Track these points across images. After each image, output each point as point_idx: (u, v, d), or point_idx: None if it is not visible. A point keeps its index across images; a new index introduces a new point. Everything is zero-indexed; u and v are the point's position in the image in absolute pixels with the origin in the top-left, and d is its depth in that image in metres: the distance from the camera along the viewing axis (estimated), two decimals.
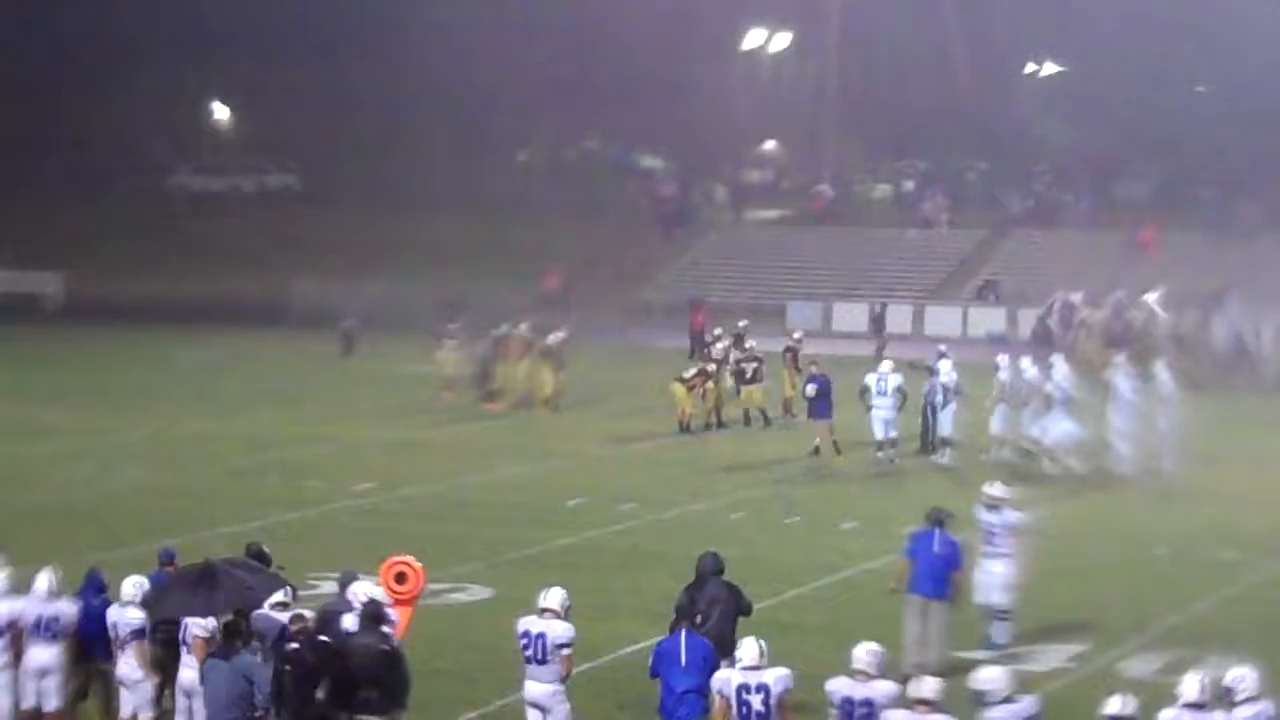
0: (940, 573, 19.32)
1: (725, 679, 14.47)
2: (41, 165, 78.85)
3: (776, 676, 14.37)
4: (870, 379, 32.94)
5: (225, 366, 48.18)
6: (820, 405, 33.43)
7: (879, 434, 32.61)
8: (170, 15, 78.12)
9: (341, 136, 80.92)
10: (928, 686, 13.68)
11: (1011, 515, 20.67)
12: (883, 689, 14.05)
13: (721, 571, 16.95)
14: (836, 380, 34.09)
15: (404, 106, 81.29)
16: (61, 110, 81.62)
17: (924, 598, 19.31)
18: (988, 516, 20.53)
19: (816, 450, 33.25)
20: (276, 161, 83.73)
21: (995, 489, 20.83)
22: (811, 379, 33.78)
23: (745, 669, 14.41)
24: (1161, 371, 33.52)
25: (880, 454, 32.63)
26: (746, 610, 16.92)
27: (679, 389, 36.26)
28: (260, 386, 43.99)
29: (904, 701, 13.83)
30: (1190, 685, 13.76)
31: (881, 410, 32.53)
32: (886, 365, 33.38)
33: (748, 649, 14.49)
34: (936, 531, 19.47)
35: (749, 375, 36.93)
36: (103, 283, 64.96)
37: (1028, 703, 13.80)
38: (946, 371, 33.29)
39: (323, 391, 43.07)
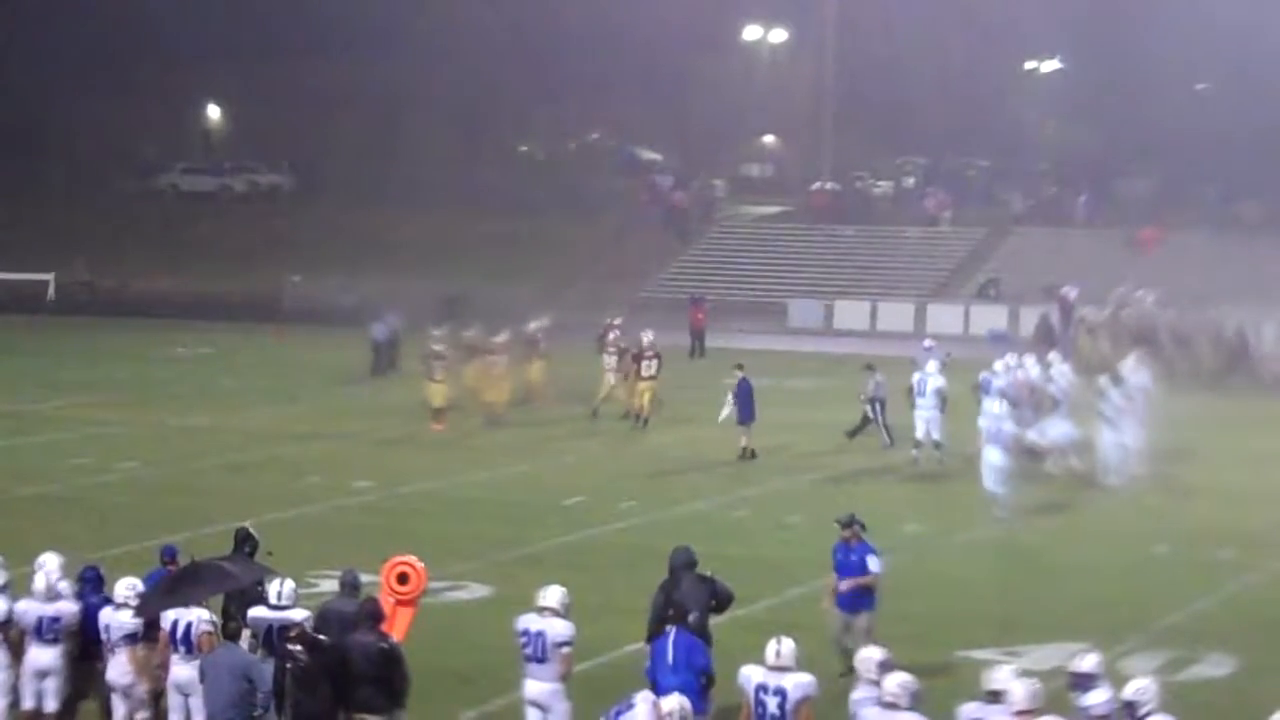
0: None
1: (747, 675, 14.09)
2: (36, 165, 78.82)
3: (797, 683, 13.91)
4: (915, 378, 32.72)
5: (218, 362, 48.17)
6: (743, 410, 33.04)
7: (919, 434, 32.50)
8: (162, 15, 78.09)
9: (333, 134, 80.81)
10: (895, 683, 13.34)
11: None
12: None
13: (694, 565, 16.66)
14: (849, 380, 34.21)
15: (397, 102, 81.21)
16: (55, 111, 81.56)
17: (844, 613, 18.52)
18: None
19: (749, 454, 32.87)
20: (268, 160, 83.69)
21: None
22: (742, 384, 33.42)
23: (769, 668, 14.02)
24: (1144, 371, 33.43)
25: (915, 452, 32.46)
26: (725, 600, 16.58)
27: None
28: (254, 382, 43.95)
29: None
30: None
31: (923, 411, 32.33)
32: (932, 366, 33.06)
33: (770, 647, 14.07)
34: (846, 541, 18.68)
35: (646, 372, 36.73)
36: (96, 280, 65.17)
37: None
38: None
39: (318, 388, 43.00)
